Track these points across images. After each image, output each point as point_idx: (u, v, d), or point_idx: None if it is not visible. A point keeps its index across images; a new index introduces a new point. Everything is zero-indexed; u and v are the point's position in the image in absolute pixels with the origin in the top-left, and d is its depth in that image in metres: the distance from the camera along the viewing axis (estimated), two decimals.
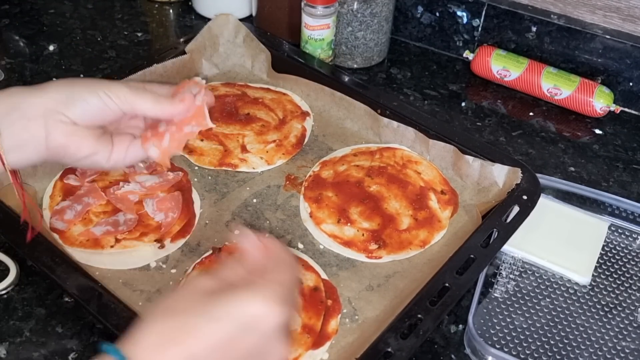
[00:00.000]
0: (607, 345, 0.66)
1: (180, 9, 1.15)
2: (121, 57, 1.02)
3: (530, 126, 0.95)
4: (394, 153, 0.83)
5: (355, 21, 0.98)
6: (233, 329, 0.41)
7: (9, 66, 0.98)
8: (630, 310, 0.70)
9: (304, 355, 0.61)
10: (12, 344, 0.63)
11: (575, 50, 0.97)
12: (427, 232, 0.74)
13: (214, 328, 0.41)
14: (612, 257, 0.76)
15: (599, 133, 0.94)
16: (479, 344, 0.63)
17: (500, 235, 0.69)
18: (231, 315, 0.41)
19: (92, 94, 0.56)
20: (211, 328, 0.41)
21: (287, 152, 0.83)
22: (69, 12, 1.12)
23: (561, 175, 0.86)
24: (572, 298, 0.71)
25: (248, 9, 1.10)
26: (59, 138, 0.55)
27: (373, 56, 1.03)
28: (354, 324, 0.65)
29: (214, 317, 0.41)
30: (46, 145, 0.55)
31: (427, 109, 0.96)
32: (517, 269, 0.74)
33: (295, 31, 1.00)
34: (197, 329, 0.41)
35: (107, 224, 0.71)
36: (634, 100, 0.97)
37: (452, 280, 0.64)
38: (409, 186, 0.78)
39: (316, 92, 0.90)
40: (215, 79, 0.94)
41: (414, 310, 0.61)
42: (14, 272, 0.68)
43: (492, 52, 0.99)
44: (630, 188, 0.85)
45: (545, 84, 0.96)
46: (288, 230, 0.74)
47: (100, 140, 0.58)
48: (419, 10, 1.05)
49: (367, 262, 0.71)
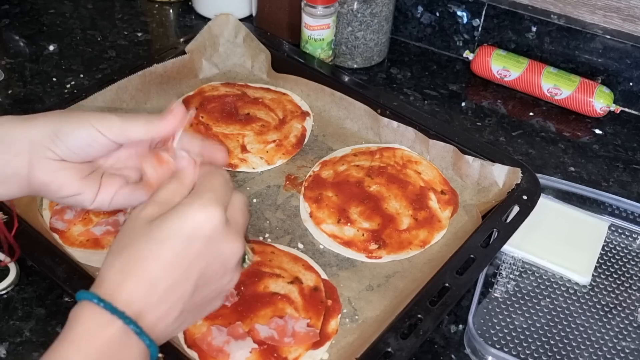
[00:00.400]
0: (607, 345, 0.66)
1: (180, 9, 1.15)
2: (121, 57, 1.02)
3: (530, 126, 0.95)
4: (394, 153, 0.83)
5: (355, 21, 0.98)
6: (179, 244, 0.45)
7: (9, 66, 0.98)
8: (630, 310, 0.70)
9: (304, 355, 0.61)
10: (12, 344, 0.63)
11: (575, 50, 0.97)
12: (427, 232, 0.74)
13: (163, 249, 0.44)
14: (612, 257, 0.76)
15: (599, 133, 0.94)
16: (479, 344, 0.63)
17: (500, 235, 0.69)
18: (173, 232, 0.45)
19: (81, 126, 0.52)
20: (160, 249, 0.44)
21: (287, 152, 0.83)
22: (69, 12, 1.12)
23: (561, 175, 0.86)
24: (572, 298, 0.71)
25: (248, 9, 1.10)
26: (42, 175, 0.53)
27: (373, 56, 1.03)
28: (354, 324, 0.65)
29: (158, 239, 0.45)
30: (28, 182, 0.53)
31: (427, 109, 0.96)
32: (517, 269, 0.74)
33: (295, 31, 1.00)
34: (147, 255, 0.44)
35: (107, 224, 0.71)
36: (634, 100, 0.97)
37: (452, 280, 0.64)
38: (409, 186, 0.78)
39: (316, 92, 0.90)
40: (215, 79, 0.94)
41: (414, 310, 0.61)
42: (14, 272, 0.68)
43: (492, 52, 0.99)
44: (630, 188, 0.85)
45: (545, 84, 0.96)
46: (288, 230, 0.74)
47: (86, 180, 0.54)
48: (419, 10, 1.05)
49: (367, 262, 0.71)
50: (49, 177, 0.53)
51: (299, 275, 0.67)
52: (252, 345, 0.60)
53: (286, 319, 0.63)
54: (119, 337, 0.43)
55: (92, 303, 0.43)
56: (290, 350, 0.61)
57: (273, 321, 0.62)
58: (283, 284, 0.66)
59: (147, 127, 0.54)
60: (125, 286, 0.44)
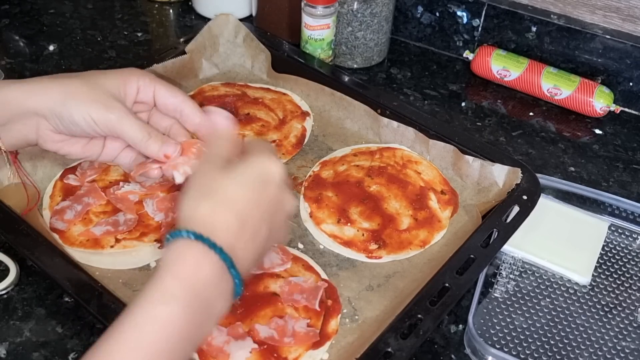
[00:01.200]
0: (607, 345, 0.66)
1: (180, 9, 1.15)
2: (121, 57, 1.02)
3: (530, 126, 0.95)
4: (394, 153, 0.83)
5: (355, 21, 0.98)
6: (259, 186, 0.49)
7: (9, 66, 0.98)
8: (630, 310, 0.70)
9: (304, 355, 0.61)
10: (12, 344, 0.63)
11: (575, 50, 0.97)
12: (427, 232, 0.74)
13: (248, 190, 0.49)
14: (612, 257, 0.76)
15: (599, 133, 0.94)
16: (479, 344, 0.63)
17: (500, 235, 0.69)
18: (253, 177, 0.50)
19: (79, 115, 0.56)
20: (245, 191, 0.49)
21: (287, 152, 0.83)
22: (69, 12, 1.12)
23: (561, 175, 0.86)
24: (572, 298, 0.71)
25: (248, 9, 1.10)
26: (48, 145, 0.59)
27: (373, 56, 1.03)
28: (354, 324, 0.65)
29: (241, 182, 0.49)
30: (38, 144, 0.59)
31: (427, 109, 0.96)
32: (517, 269, 0.74)
33: (295, 31, 1.00)
34: (234, 196, 0.48)
35: (107, 224, 0.71)
36: (634, 100, 0.97)
37: (452, 280, 0.64)
38: (409, 186, 0.78)
39: (316, 92, 0.90)
40: (215, 79, 0.94)
41: (414, 310, 0.61)
42: (14, 272, 0.68)
43: (492, 52, 0.99)
44: (630, 188, 0.85)
45: (545, 84, 0.96)
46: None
47: (90, 144, 0.60)
48: (419, 10, 1.05)
49: (367, 262, 0.71)
50: (55, 146, 0.59)
51: (299, 275, 0.67)
52: (252, 345, 0.60)
53: (286, 319, 0.63)
54: (215, 272, 0.45)
55: (190, 240, 0.45)
56: (290, 350, 0.61)
57: (273, 321, 0.62)
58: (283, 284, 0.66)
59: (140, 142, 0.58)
60: (220, 223, 0.46)
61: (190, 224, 0.46)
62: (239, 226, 0.47)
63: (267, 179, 0.50)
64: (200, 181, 0.49)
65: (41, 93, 0.56)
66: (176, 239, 0.46)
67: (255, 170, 0.50)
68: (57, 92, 0.56)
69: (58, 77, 0.58)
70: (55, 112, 0.56)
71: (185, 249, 0.45)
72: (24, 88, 0.57)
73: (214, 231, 0.46)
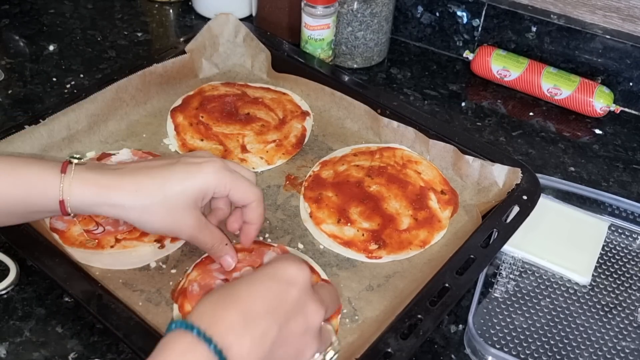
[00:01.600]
0: (607, 345, 0.66)
1: (180, 9, 1.15)
2: (121, 57, 1.02)
3: (530, 126, 0.95)
4: (394, 153, 0.83)
5: (355, 21, 0.98)
6: (276, 284, 0.49)
7: (9, 66, 0.98)
8: (630, 310, 0.70)
9: None
10: (12, 344, 0.63)
11: (575, 50, 0.97)
12: (427, 232, 0.74)
13: (264, 287, 0.49)
14: (612, 257, 0.76)
15: (599, 133, 0.94)
16: (479, 344, 0.63)
17: (500, 235, 0.69)
18: (269, 275, 0.50)
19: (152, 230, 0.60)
20: (261, 287, 0.49)
21: (287, 152, 0.83)
22: (69, 12, 1.12)
23: (561, 175, 0.86)
24: (572, 298, 0.71)
25: (248, 9, 1.10)
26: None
27: (373, 56, 1.03)
28: (354, 324, 0.65)
29: (259, 280, 0.49)
30: None
31: (427, 109, 0.96)
32: (517, 269, 0.74)
33: (295, 31, 1.00)
34: (248, 291, 0.48)
35: (107, 224, 0.71)
36: (634, 100, 0.97)
37: (452, 280, 0.64)
38: (409, 186, 0.78)
39: (316, 92, 0.90)
40: (215, 79, 0.94)
41: (414, 310, 0.61)
42: (14, 272, 0.68)
43: (492, 52, 0.99)
44: (630, 188, 0.85)
45: (545, 84, 0.96)
46: (288, 230, 0.74)
47: None
48: (419, 10, 1.05)
49: (367, 262, 0.71)
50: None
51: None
52: None
53: None
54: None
55: (182, 330, 0.45)
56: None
57: None
58: None
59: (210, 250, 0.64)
60: (219, 317, 0.46)
61: (191, 317, 0.47)
62: (243, 323, 0.46)
63: (287, 280, 0.49)
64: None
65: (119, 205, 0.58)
66: (174, 329, 0.46)
67: (272, 270, 0.50)
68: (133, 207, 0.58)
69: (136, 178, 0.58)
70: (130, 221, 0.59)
71: (176, 338, 0.45)
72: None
73: (211, 325, 0.46)
